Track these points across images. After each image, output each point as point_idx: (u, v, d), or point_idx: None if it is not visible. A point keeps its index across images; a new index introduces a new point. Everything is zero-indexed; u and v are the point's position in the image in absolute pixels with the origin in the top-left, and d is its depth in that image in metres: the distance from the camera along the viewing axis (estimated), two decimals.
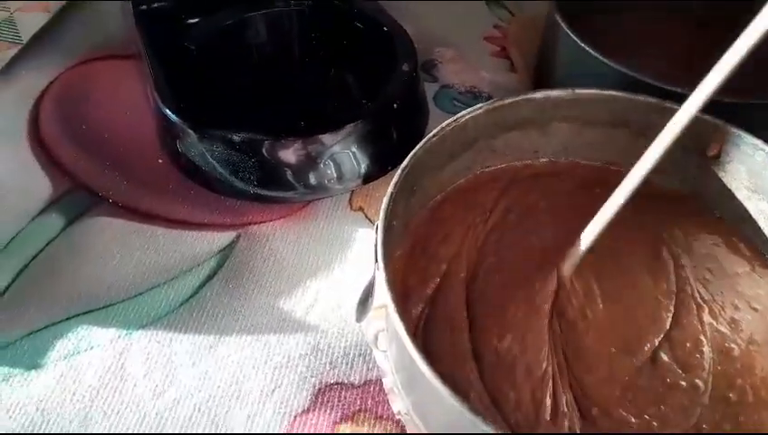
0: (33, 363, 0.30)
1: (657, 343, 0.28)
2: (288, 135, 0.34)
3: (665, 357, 0.27)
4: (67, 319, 0.31)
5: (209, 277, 0.33)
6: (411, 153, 0.29)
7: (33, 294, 0.32)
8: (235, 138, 0.34)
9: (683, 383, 0.27)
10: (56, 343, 0.30)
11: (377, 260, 0.26)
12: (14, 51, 0.46)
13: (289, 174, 0.35)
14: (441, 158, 0.32)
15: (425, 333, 0.28)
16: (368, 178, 0.37)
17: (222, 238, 0.35)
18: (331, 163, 0.35)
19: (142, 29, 0.40)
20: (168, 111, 0.35)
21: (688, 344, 0.28)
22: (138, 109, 0.41)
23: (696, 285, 0.30)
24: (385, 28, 0.41)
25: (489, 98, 0.44)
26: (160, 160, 0.38)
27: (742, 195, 0.32)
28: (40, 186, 0.37)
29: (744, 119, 0.31)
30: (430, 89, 0.44)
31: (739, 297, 0.30)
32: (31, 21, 0.49)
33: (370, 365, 0.30)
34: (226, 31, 0.42)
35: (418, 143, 0.30)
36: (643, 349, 0.28)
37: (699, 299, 0.30)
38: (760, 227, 0.32)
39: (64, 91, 0.43)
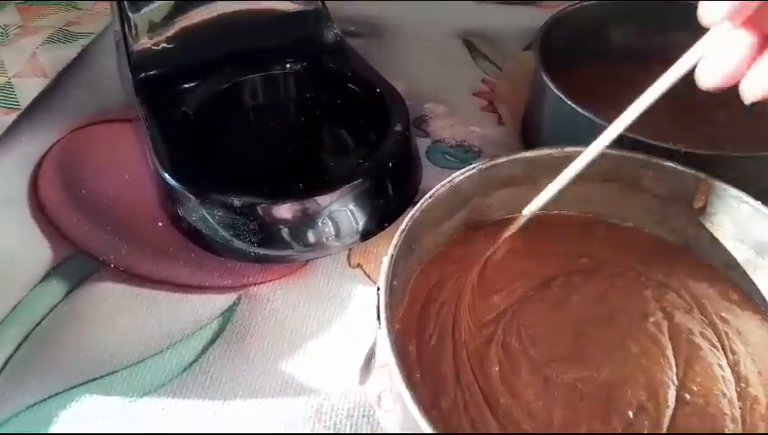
0: None
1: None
2: (287, 197, 0.35)
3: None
4: (70, 389, 0.31)
5: (212, 341, 0.33)
6: (409, 215, 0.30)
7: (36, 364, 0.32)
8: (236, 202, 0.34)
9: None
10: (60, 413, 0.30)
11: (379, 321, 0.27)
12: (12, 117, 0.47)
13: (289, 234, 0.36)
14: (437, 216, 0.33)
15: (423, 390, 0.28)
16: (366, 235, 0.37)
17: (223, 301, 0.35)
18: (330, 222, 0.36)
19: (142, 96, 0.41)
20: (168, 176, 0.36)
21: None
22: (137, 172, 0.42)
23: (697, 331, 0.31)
24: (377, 89, 0.42)
25: (479, 151, 0.46)
26: (160, 224, 0.39)
27: (729, 244, 0.33)
28: (41, 252, 0.38)
29: (728, 172, 0.32)
30: (422, 143, 0.45)
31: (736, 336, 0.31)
32: (29, 86, 0.50)
33: (374, 426, 0.30)
34: (223, 95, 0.43)
35: (414, 199, 0.31)
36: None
37: (700, 341, 0.30)
38: (748, 275, 0.33)
39: (64, 157, 0.44)
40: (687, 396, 0.28)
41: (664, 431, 0.27)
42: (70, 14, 0.59)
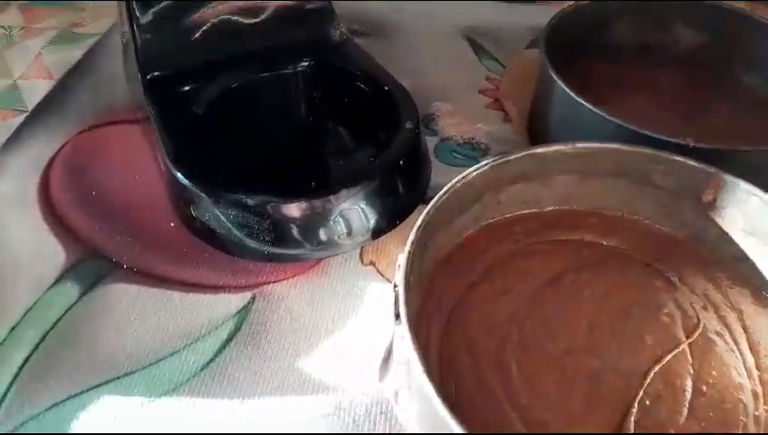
0: None
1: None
2: (300, 196, 0.35)
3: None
4: (89, 389, 0.31)
5: (228, 340, 0.34)
6: (425, 211, 0.30)
7: (53, 365, 0.32)
8: (250, 201, 0.34)
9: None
10: (79, 414, 0.30)
11: (398, 317, 0.27)
12: (19, 119, 0.47)
13: (301, 233, 0.36)
14: (451, 213, 0.33)
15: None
16: (377, 233, 0.37)
17: (238, 300, 0.36)
18: (341, 220, 0.36)
19: (151, 96, 0.41)
20: (180, 175, 0.36)
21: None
22: (147, 173, 0.42)
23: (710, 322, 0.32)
24: (386, 87, 0.42)
25: (487, 149, 0.46)
26: (172, 224, 0.39)
27: (738, 237, 0.33)
28: (54, 254, 0.38)
29: (737, 165, 0.33)
30: (431, 142, 0.46)
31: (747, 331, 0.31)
32: (35, 88, 0.50)
33: (393, 422, 0.30)
34: (232, 94, 0.43)
35: (425, 197, 0.31)
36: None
37: (713, 334, 0.31)
38: (758, 267, 0.33)
39: (73, 158, 0.44)
40: (704, 388, 0.28)
41: (683, 419, 0.27)
42: (73, 16, 0.59)
